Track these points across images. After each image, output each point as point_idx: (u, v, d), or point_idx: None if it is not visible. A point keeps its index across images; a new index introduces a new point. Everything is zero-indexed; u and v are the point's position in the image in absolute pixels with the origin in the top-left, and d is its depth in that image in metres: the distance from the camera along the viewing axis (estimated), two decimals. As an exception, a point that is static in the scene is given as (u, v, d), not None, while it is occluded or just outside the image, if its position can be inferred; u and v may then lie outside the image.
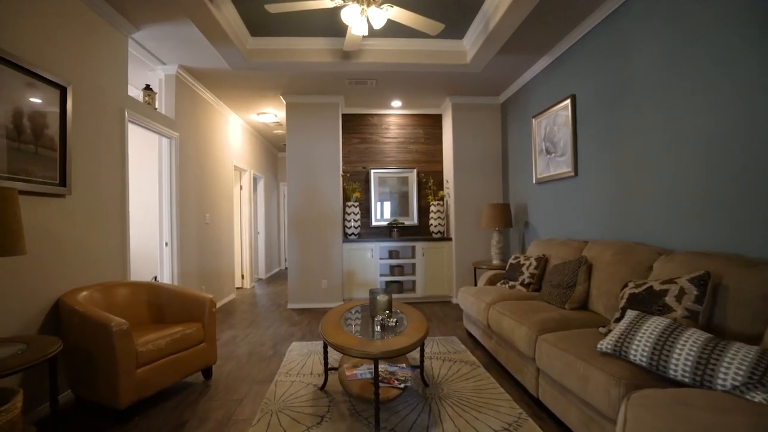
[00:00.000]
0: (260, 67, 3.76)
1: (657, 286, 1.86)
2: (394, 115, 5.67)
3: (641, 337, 1.56)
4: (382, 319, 2.28)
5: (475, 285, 4.76)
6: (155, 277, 4.36)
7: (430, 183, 5.62)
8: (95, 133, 2.80)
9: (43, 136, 2.33)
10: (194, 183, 4.42)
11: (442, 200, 5.45)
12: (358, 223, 5.26)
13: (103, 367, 2.13)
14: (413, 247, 5.29)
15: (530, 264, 3.34)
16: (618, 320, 1.94)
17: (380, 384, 2.23)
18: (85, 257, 2.67)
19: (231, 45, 3.29)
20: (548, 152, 3.88)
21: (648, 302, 1.85)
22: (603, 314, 2.43)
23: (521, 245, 4.63)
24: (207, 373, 2.79)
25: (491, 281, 3.73)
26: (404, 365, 2.54)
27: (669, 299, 1.76)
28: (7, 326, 2.07)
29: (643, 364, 1.51)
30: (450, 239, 5.21)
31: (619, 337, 1.65)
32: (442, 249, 5.22)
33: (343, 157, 5.56)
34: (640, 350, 1.53)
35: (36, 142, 2.29)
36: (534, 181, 4.18)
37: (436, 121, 5.72)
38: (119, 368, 2.09)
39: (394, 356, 1.94)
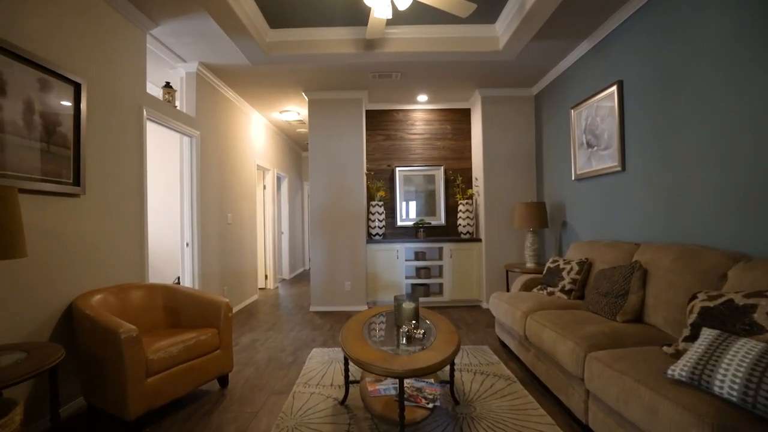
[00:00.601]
0: (280, 60, 3.62)
1: (739, 300, 1.54)
2: (420, 110, 5.43)
3: (729, 364, 1.26)
4: (407, 330, 2.06)
5: (508, 290, 4.45)
6: (178, 279, 4.32)
7: (458, 181, 5.34)
8: (112, 131, 2.73)
9: (55, 133, 2.26)
10: (216, 182, 4.35)
11: (471, 199, 5.16)
12: (383, 223, 5.05)
13: (112, 376, 2.02)
14: (440, 249, 5.03)
15: (571, 268, 3.02)
16: (689, 339, 1.63)
17: (406, 403, 2.01)
18: (101, 259, 2.59)
19: (249, 38, 3.15)
20: (589, 146, 3.53)
21: (729, 319, 1.53)
22: (663, 329, 2.10)
23: (558, 247, 4.28)
24: (223, 380, 2.65)
25: (526, 286, 3.43)
26: (432, 380, 2.30)
27: (759, 317, 1.44)
28: (17, 331, 1.99)
29: (733, 399, 1.22)
30: (479, 240, 4.92)
31: (698, 363, 1.35)
32: (471, 250, 4.93)
33: (367, 154, 5.37)
34: (728, 381, 1.24)
35: (48, 139, 2.21)
36: (573, 178, 3.84)
37: (464, 115, 5.44)
38: (128, 377, 1.97)
39: (420, 375, 1.72)
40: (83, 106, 2.43)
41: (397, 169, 5.37)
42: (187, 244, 3.87)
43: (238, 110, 5.00)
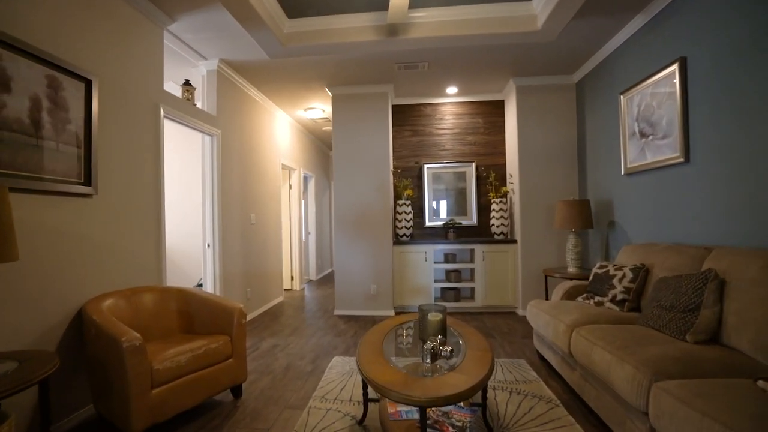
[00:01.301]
0: (298, 52, 3.44)
1: None
2: (450, 103, 5.12)
3: None
4: (433, 347, 1.79)
5: (547, 297, 4.06)
6: (201, 282, 4.27)
7: (491, 178, 4.98)
8: (127, 130, 2.65)
9: (65, 132, 2.18)
10: (238, 182, 4.26)
11: (505, 197, 4.80)
12: (411, 223, 4.79)
13: (115, 386, 1.90)
14: (472, 250, 4.70)
15: (624, 275, 2.64)
16: (796, 374, 1.27)
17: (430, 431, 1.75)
18: (115, 261, 2.51)
19: (265, 28, 2.99)
20: (643, 135, 3.11)
21: None
22: (750, 354, 1.71)
23: (604, 250, 3.85)
24: (236, 391, 2.50)
25: (569, 294, 3.06)
26: (461, 404, 2.03)
27: None
28: (24, 336, 1.91)
29: None
30: (515, 242, 4.55)
31: (820, 413, 1.01)
32: (506, 253, 4.57)
33: (393, 151, 5.13)
34: None
35: (57, 138, 2.13)
36: (622, 172, 3.41)
37: (497, 108, 5.07)
38: (130, 389, 1.84)
39: (446, 404, 1.46)
40: (95, 103, 2.34)
41: (426, 166, 5.09)
42: (209, 245, 3.79)
43: (261, 108, 4.91)
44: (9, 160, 1.88)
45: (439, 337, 1.88)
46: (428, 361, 1.76)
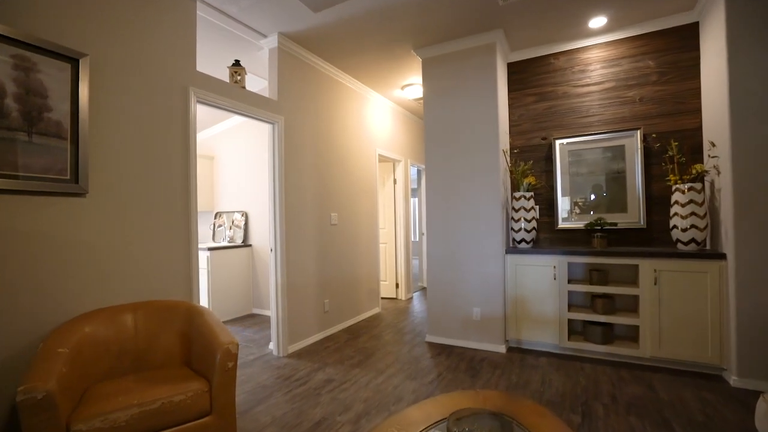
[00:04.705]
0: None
1: None
2: (595, 46, 3.44)
3: None
4: None
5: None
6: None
7: (672, 151, 3.11)
8: (140, 117, 2.28)
9: (41, 120, 1.87)
10: (312, 176, 3.69)
11: (701, 181, 2.90)
12: (533, 224, 3.38)
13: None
14: (635, 267, 3.02)
15: None
16: None
17: None
18: (119, 271, 2.15)
19: (288, -35, 2.25)
20: None
21: None
22: None
23: None
24: (224, 460, 1.82)
25: None
26: None
27: None
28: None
29: None
30: (721, 256, 2.65)
31: None
32: (702, 275, 2.71)
33: (510, 125, 3.78)
34: None
35: (29, 128, 1.82)
36: None
37: (682, 38, 3.14)
38: (29, 461, 1.32)
39: None
40: (83, 87, 2.00)
41: (558, 142, 3.56)
42: (271, 250, 3.32)
43: (345, 90, 4.25)
44: (-44, 154, 1.61)
45: None
46: None
